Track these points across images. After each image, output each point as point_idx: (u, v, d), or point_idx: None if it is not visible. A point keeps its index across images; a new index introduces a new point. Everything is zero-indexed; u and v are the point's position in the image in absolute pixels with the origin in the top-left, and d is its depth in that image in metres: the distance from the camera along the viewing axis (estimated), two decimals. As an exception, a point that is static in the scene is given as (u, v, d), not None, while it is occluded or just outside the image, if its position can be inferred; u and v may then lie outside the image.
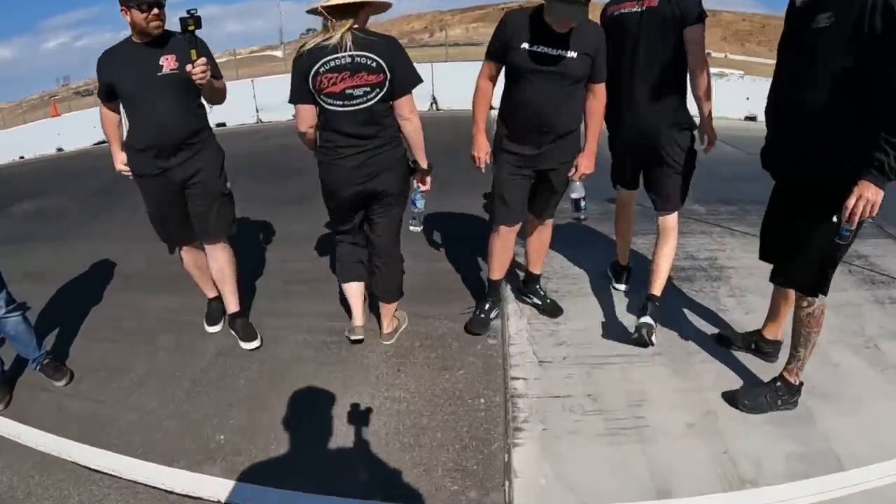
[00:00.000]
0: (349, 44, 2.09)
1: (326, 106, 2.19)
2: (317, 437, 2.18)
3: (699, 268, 3.37)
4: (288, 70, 2.38)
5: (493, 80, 2.46)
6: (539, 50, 2.22)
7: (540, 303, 2.91)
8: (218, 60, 2.57)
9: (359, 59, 2.11)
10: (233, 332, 2.83)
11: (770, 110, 2.05)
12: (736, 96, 9.59)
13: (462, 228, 4.13)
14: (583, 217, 2.83)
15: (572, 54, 2.22)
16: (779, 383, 2.19)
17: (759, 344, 2.50)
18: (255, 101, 11.63)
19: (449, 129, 2.50)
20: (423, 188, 2.51)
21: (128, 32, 2.39)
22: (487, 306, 2.79)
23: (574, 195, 2.69)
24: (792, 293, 2.18)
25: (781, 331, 2.43)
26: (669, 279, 3.18)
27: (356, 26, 2.12)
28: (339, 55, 2.10)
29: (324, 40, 2.10)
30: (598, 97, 2.41)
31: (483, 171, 2.56)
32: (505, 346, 2.63)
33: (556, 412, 2.22)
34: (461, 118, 3.71)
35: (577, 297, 3.05)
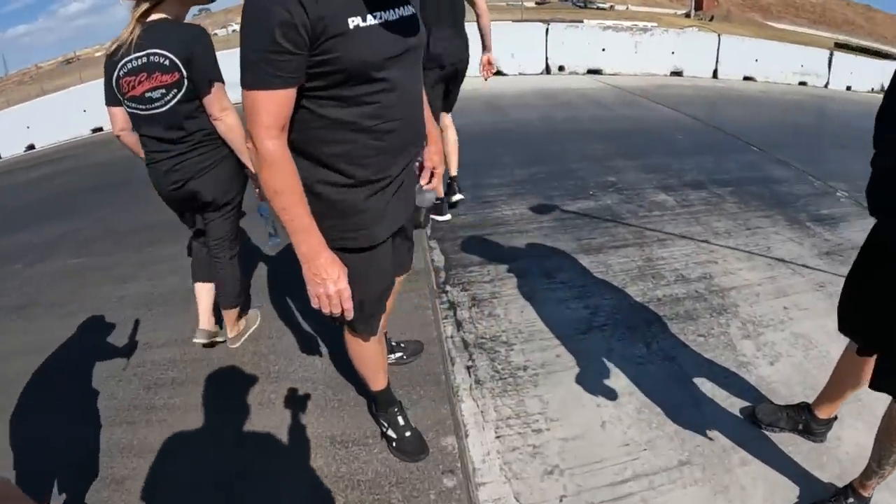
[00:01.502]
0: (134, 41, 1.87)
1: (131, 111, 2.01)
2: None
3: (696, 295, 2.64)
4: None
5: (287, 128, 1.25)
6: (382, 20, 1.21)
7: (401, 353, 2.29)
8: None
9: (153, 57, 1.89)
10: None
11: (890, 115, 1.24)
12: (661, 51, 9.08)
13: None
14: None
15: (412, 9, 1.31)
16: (851, 499, 1.56)
17: (809, 424, 1.83)
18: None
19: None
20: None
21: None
22: (402, 421, 1.88)
23: (428, 200, 1.60)
24: (867, 372, 1.49)
25: (839, 408, 1.79)
26: (668, 322, 2.45)
27: (162, 16, 1.89)
28: (137, 55, 1.89)
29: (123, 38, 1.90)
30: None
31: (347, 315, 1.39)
32: (470, 488, 1.74)
33: None
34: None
35: (555, 375, 2.19)
